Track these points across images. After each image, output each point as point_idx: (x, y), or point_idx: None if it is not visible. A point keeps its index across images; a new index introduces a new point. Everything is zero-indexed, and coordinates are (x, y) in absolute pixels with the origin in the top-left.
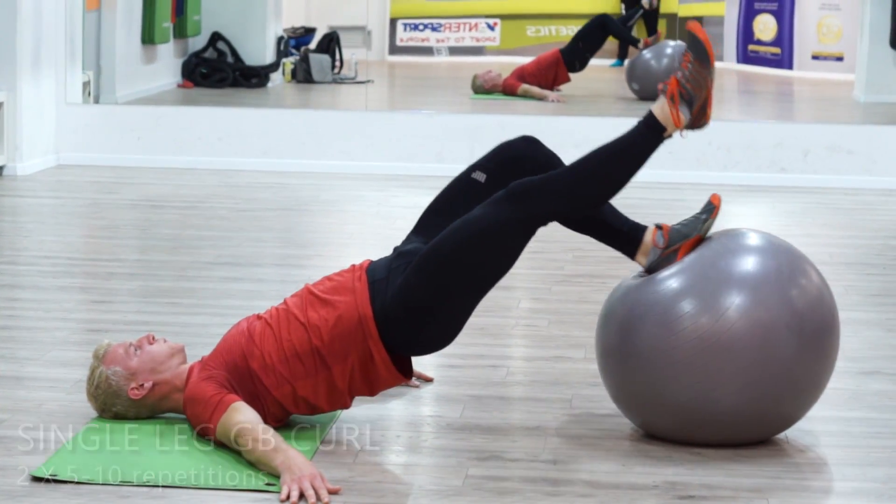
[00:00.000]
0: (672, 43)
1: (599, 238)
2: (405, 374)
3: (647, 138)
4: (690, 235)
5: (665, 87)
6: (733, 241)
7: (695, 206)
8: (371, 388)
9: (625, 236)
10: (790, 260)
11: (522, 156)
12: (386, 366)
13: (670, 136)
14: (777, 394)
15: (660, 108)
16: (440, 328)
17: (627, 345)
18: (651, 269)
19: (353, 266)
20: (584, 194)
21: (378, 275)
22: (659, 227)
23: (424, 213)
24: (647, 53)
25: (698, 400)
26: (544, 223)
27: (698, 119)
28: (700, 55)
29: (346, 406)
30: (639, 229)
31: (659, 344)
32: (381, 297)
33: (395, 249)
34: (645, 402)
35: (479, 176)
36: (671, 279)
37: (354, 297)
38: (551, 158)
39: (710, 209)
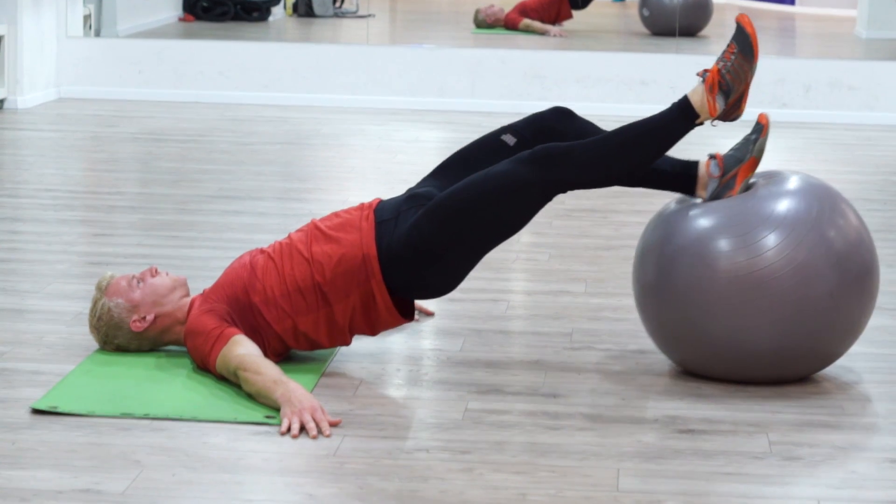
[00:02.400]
0: None
1: (656, 186)
2: (406, 316)
3: (678, 122)
4: (745, 159)
5: (705, 75)
6: (771, 180)
7: (696, 141)
8: (372, 327)
9: (680, 177)
10: (829, 200)
11: (556, 128)
12: (387, 306)
13: (702, 123)
14: (812, 333)
15: (697, 94)
16: (443, 274)
17: (664, 280)
18: (713, 199)
19: (363, 204)
20: (607, 169)
21: (386, 215)
22: (712, 156)
23: (446, 161)
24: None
25: (735, 337)
26: (562, 191)
27: (732, 111)
28: (745, 49)
29: (347, 343)
30: (691, 166)
31: (696, 280)
32: (388, 238)
33: (409, 191)
34: (683, 338)
35: (509, 139)
36: (708, 216)
37: (360, 236)
38: (585, 131)
39: (760, 129)
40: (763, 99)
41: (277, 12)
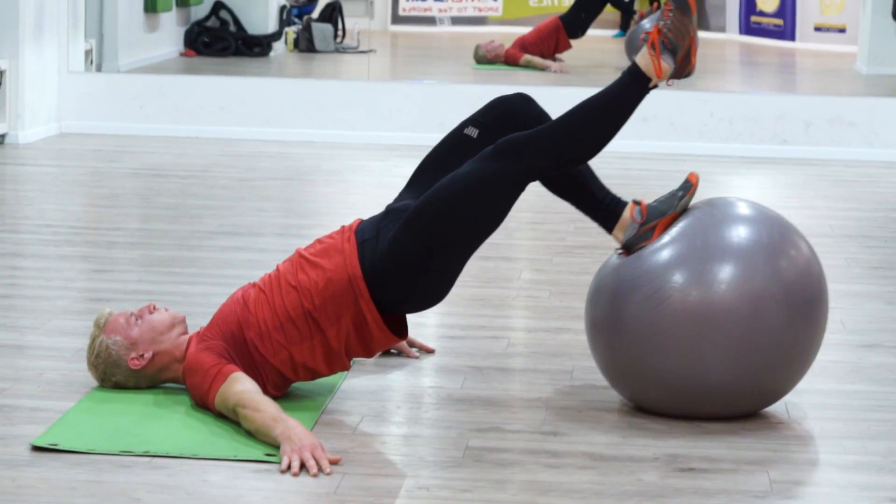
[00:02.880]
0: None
1: (579, 206)
2: (399, 334)
3: (631, 89)
4: (667, 213)
5: (647, 37)
6: (722, 211)
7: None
8: (367, 349)
9: (605, 209)
10: (779, 230)
11: (515, 111)
12: (378, 326)
13: (655, 86)
14: (766, 366)
15: (643, 58)
16: (430, 284)
17: (616, 318)
18: (627, 246)
19: (343, 227)
20: (572, 149)
21: (367, 234)
22: (637, 202)
23: (417, 170)
24: (646, 24)
25: (687, 372)
26: (532, 179)
27: (683, 67)
28: (680, 3)
29: (346, 368)
30: (619, 203)
31: (648, 316)
32: (371, 256)
33: (387, 207)
34: (634, 374)
35: (472, 131)
36: (661, 252)
37: (344, 258)
38: (542, 117)
39: (688, 187)
40: (763, 135)
41: (278, 47)
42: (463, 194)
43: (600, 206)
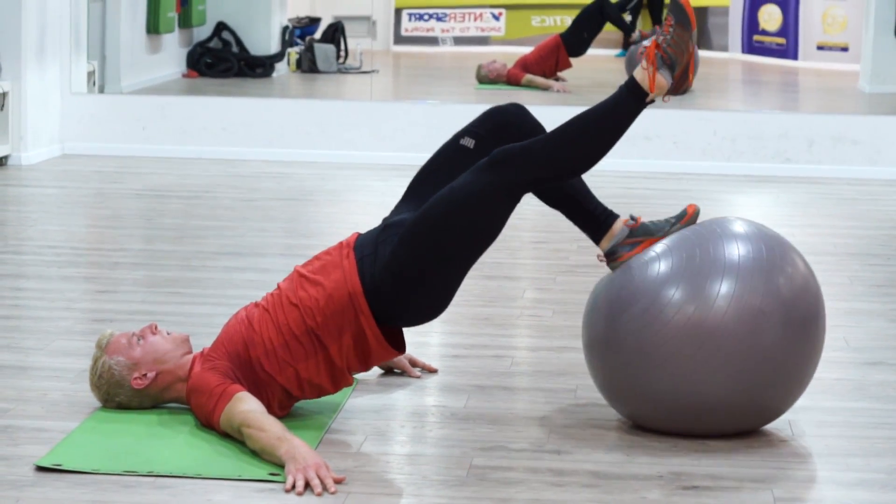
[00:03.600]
0: None
1: (571, 217)
2: (397, 347)
3: (628, 103)
4: (656, 234)
5: (645, 51)
6: (720, 228)
7: (699, 197)
8: (364, 363)
9: (596, 220)
10: (776, 247)
11: (510, 122)
12: (378, 340)
13: (652, 100)
14: (764, 383)
15: (641, 72)
16: (429, 297)
17: (613, 334)
18: (609, 253)
19: (341, 243)
20: (567, 160)
21: (366, 250)
22: (632, 218)
23: (413, 181)
24: (646, 43)
25: (685, 389)
26: (528, 189)
27: (680, 83)
28: (681, 18)
29: (350, 383)
30: (610, 215)
31: (645, 332)
32: (370, 272)
33: (384, 221)
34: (631, 392)
35: (468, 142)
36: (657, 266)
37: (343, 275)
38: (536, 127)
39: (682, 215)
40: (766, 154)
41: (281, 68)
42: (459, 206)
43: (591, 216)
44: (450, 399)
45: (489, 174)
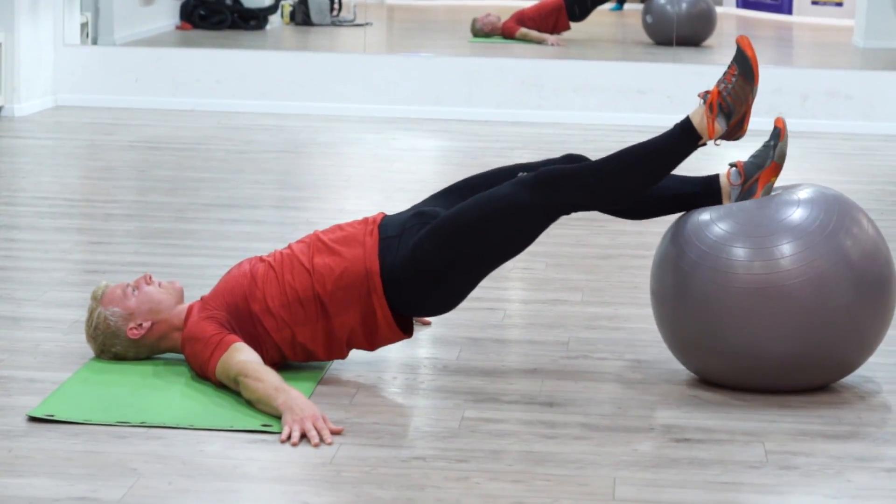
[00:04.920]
0: None
1: (684, 209)
2: (406, 331)
3: (681, 144)
4: (765, 164)
5: (706, 96)
6: (787, 191)
7: (694, 152)
8: (371, 342)
9: (702, 195)
10: (845, 210)
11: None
12: (388, 323)
13: (704, 144)
14: (829, 342)
15: (698, 116)
16: (445, 295)
17: (681, 291)
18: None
19: (367, 219)
20: (611, 191)
21: (391, 231)
22: (732, 165)
23: (457, 183)
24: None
25: (750, 346)
26: (565, 213)
27: (734, 132)
28: (745, 72)
29: (343, 356)
30: (712, 180)
31: (712, 290)
32: (392, 255)
33: (414, 207)
34: (700, 347)
35: (525, 175)
36: (724, 225)
37: (364, 251)
38: None
39: (777, 133)
40: (759, 108)
41: (274, 21)
42: (494, 216)
43: (697, 196)
44: (442, 351)
45: (532, 191)
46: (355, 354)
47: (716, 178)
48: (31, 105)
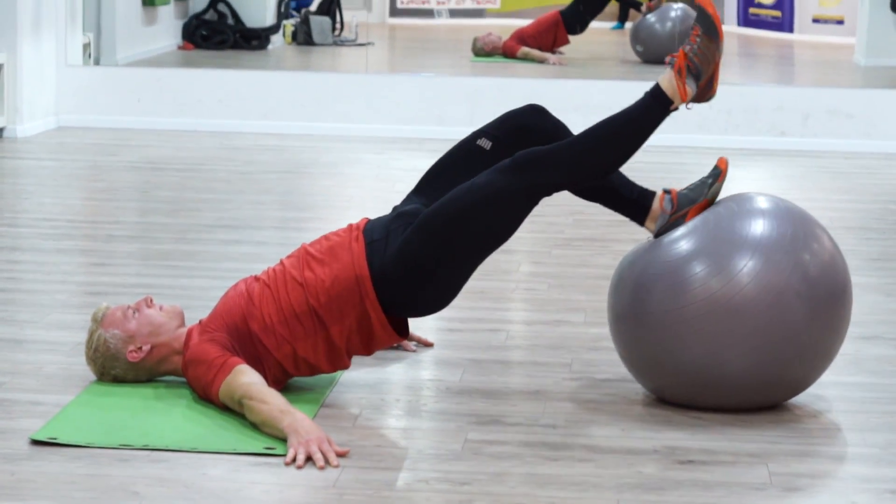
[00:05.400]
0: (676, 5)
1: (609, 206)
2: (401, 333)
3: (653, 111)
4: (698, 200)
5: (672, 60)
6: (745, 204)
7: (695, 170)
8: (368, 347)
9: (634, 203)
10: (802, 224)
11: (529, 125)
12: (383, 326)
13: (676, 108)
14: (786, 359)
15: (667, 80)
16: (437, 290)
17: (639, 308)
18: (659, 234)
19: (351, 226)
20: (590, 165)
21: (376, 235)
22: (667, 191)
23: (426, 175)
24: (651, 17)
25: (708, 364)
26: (548, 193)
27: (705, 93)
28: (709, 30)
29: (346, 366)
30: (647, 196)
31: (670, 307)
32: (380, 257)
33: (395, 209)
34: (656, 366)
35: (485, 143)
36: (682, 242)
37: (351, 257)
38: (558, 128)
39: (717, 173)
40: (761, 127)
41: (276, 41)
42: (477, 205)
43: (629, 201)
44: (445, 373)
45: (511, 176)
46: (357, 376)
47: (651, 195)
48: (33, 126)
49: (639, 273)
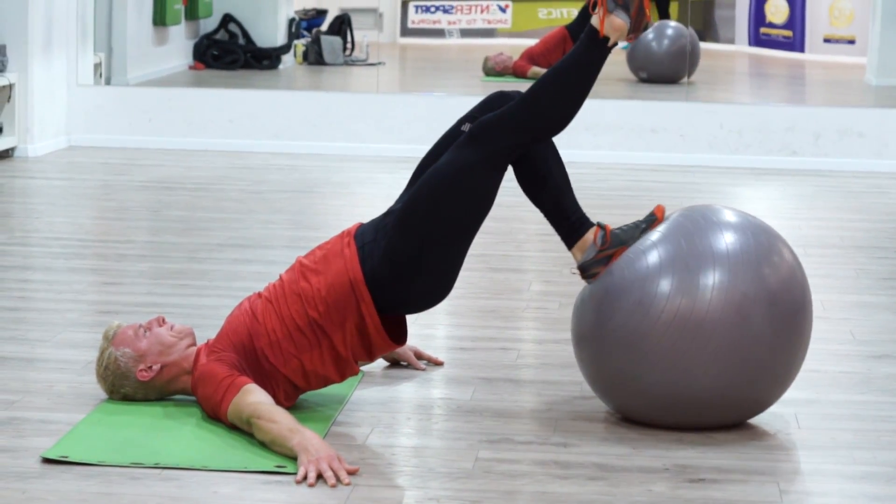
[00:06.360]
0: (672, 23)
1: (547, 215)
2: (397, 340)
3: (592, 51)
4: (627, 243)
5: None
6: (708, 217)
7: (705, 189)
8: (369, 353)
9: (570, 226)
10: (764, 237)
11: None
12: (377, 331)
13: (615, 44)
14: (751, 375)
15: (596, 18)
16: (429, 281)
17: (602, 328)
18: (583, 268)
19: (343, 232)
20: (542, 120)
21: (367, 237)
22: (601, 227)
23: (417, 170)
24: (648, 35)
25: (674, 382)
26: (511, 157)
27: (639, 21)
28: None
29: (355, 373)
30: (584, 223)
31: (634, 325)
32: (371, 259)
33: (388, 209)
34: (620, 385)
35: (468, 127)
36: (646, 258)
37: (345, 263)
38: None
39: (652, 220)
40: (773, 147)
41: (287, 60)
42: (444, 185)
43: (567, 220)
44: (456, 391)
45: (469, 148)
46: (368, 395)
47: (588, 226)
48: (44, 145)
49: (602, 292)
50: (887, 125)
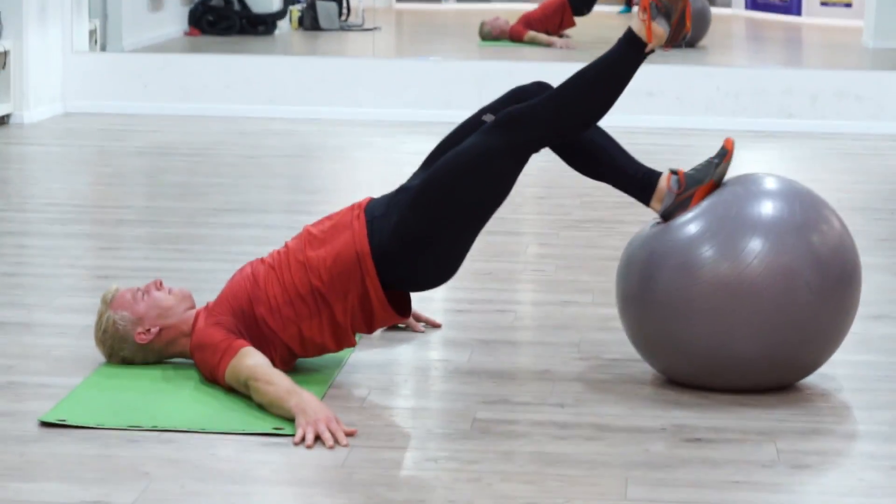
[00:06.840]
0: None
1: (614, 184)
2: (402, 313)
3: (629, 55)
4: (704, 181)
5: (640, 2)
6: (754, 186)
7: (703, 152)
8: (369, 325)
9: (639, 182)
10: (811, 205)
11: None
12: (381, 304)
13: (652, 50)
14: (795, 341)
15: (638, 23)
16: (437, 261)
17: (647, 290)
18: (665, 215)
19: (353, 204)
20: (571, 117)
21: (377, 211)
22: (674, 172)
23: (433, 152)
24: None
25: (717, 345)
26: (534, 150)
27: (678, 31)
28: None
29: (352, 344)
30: (653, 175)
31: (678, 289)
32: (379, 234)
33: (400, 186)
34: (665, 347)
35: (490, 118)
36: (691, 224)
37: (352, 235)
38: None
39: (723, 154)
40: (769, 110)
41: (283, 26)
42: (465, 169)
43: (634, 180)
44: (453, 353)
45: (495, 136)
46: (366, 357)
47: (657, 176)
48: (40, 112)
49: (647, 254)
50: (884, 88)
